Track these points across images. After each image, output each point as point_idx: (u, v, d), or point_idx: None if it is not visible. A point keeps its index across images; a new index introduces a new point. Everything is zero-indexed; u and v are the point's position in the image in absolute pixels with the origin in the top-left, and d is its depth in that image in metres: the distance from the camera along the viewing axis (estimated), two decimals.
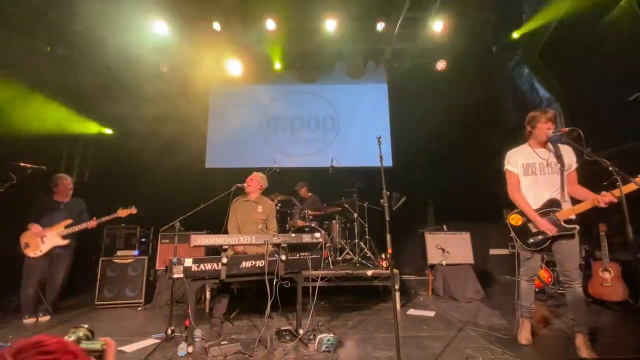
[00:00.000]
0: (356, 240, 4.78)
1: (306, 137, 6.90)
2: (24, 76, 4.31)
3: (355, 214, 4.92)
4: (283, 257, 2.81)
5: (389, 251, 2.35)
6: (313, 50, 6.09)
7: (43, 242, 3.60)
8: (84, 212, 3.96)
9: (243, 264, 2.74)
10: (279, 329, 2.93)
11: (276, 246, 2.91)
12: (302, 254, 3.00)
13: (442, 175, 5.91)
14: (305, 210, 5.03)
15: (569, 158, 2.56)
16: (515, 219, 2.70)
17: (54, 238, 3.64)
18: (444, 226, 4.84)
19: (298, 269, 2.96)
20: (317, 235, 3.02)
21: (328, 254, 4.50)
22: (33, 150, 4.03)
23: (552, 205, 2.53)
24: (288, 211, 5.16)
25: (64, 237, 3.67)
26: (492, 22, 5.20)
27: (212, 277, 2.67)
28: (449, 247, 4.48)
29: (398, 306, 3.82)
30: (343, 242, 4.85)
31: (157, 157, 5.92)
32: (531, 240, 2.60)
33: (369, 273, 3.97)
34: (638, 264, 2.11)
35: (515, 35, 5.13)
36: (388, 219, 2.33)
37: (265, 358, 2.49)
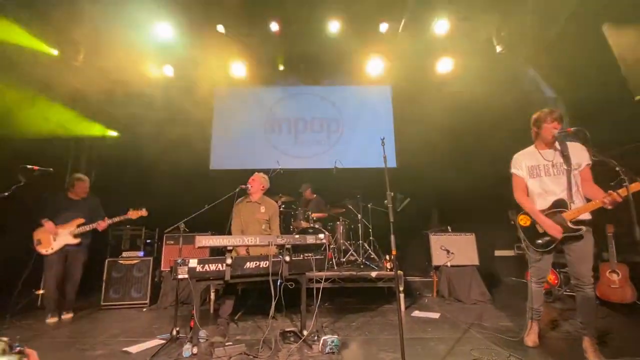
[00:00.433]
0: (360, 241, 4.78)
1: (310, 139, 6.91)
2: (30, 79, 4.37)
3: (359, 215, 4.92)
4: (287, 258, 2.81)
5: (393, 252, 2.34)
6: (317, 51, 6.10)
7: (55, 240, 3.63)
8: (99, 210, 3.95)
9: (247, 265, 2.75)
10: (283, 330, 2.94)
11: (280, 247, 2.91)
12: (306, 255, 3.00)
13: (447, 176, 5.88)
14: (309, 211, 5.04)
15: (579, 156, 2.48)
16: (524, 220, 2.69)
17: (66, 236, 3.67)
18: (449, 227, 4.81)
19: (302, 270, 2.96)
20: (321, 236, 3.02)
21: (332, 255, 4.49)
22: (40, 152, 4.09)
23: (559, 206, 2.50)
24: (292, 212, 5.17)
25: (75, 236, 3.69)
26: (496, 23, 5.17)
27: (217, 278, 2.68)
28: (454, 249, 4.46)
29: (402, 308, 3.80)
30: (347, 244, 4.85)
31: (162, 159, 5.96)
32: (539, 241, 2.58)
33: (373, 274, 3.96)
34: None
35: (520, 35, 5.10)
36: (392, 220, 2.33)
37: (269, 359, 2.49)
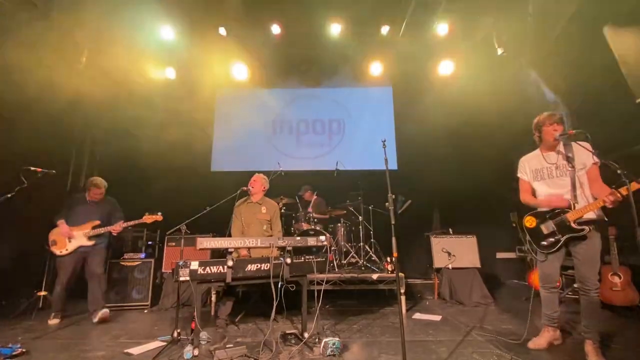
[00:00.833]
0: (361, 243, 4.77)
1: (311, 141, 6.92)
2: (32, 80, 4.39)
3: (360, 217, 4.92)
4: (288, 260, 2.81)
5: (395, 254, 2.34)
6: (318, 53, 6.12)
7: (70, 241, 3.62)
8: (116, 211, 3.94)
9: (248, 267, 2.75)
10: (284, 333, 2.93)
11: (281, 249, 2.92)
12: (307, 257, 3.00)
13: (448, 178, 5.88)
14: (310, 213, 5.04)
15: (583, 157, 2.48)
16: (529, 221, 2.70)
17: (81, 238, 3.66)
18: (450, 229, 4.81)
19: (303, 272, 2.96)
20: (322, 238, 3.03)
21: (333, 257, 4.49)
22: (42, 153, 4.11)
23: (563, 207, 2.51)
24: (293, 214, 5.17)
25: (90, 238, 3.68)
26: (497, 25, 5.17)
27: (218, 280, 2.69)
28: (455, 251, 4.45)
29: (404, 310, 3.80)
30: (348, 245, 4.84)
31: (164, 161, 5.97)
32: (544, 242, 2.59)
33: (374, 276, 3.95)
34: None
35: (520, 37, 5.10)
36: (393, 222, 2.33)
37: None
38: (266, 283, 2.72)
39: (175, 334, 2.88)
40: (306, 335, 2.83)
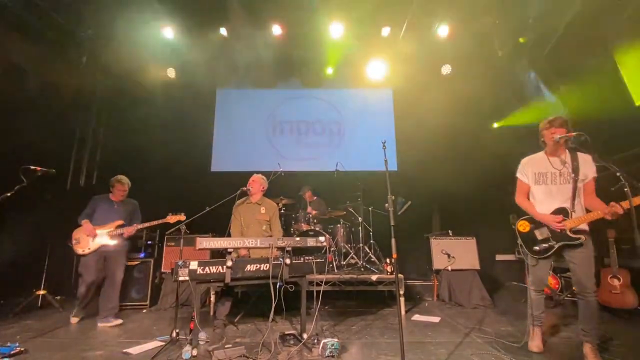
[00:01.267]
0: (361, 244, 4.77)
1: (311, 141, 6.92)
2: (34, 80, 4.40)
3: (360, 218, 4.92)
4: (287, 261, 2.81)
5: (394, 256, 2.34)
6: (319, 54, 6.12)
7: (93, 240, 3.61)
8: (136, 213, 3.94)
9: (248, 268, 2.75)
10: (283, 333, 2.93)
11: (281, 250, 2.91)
12: (307, 258, 3.00)
13: (448, 179, 5.87)
14: (310, 214, 5.04)
15: (587, 168, 2.50)
16: (523, 226, 2.70)
17: (103, 237, 3.65)
18: (450, 231, 4.81)
19: (302, 273, 2.96)
20: (322, 239, 3.02)
21: (332, 258, 4.49)
22: (41, 153, 4.11)
23: (561, 214, 2.52)
24: (293, 215, 5.17)
25: (113, 237, 3.67)
26: (498, 27, 5.19)
27: (217, 280, 2.68)
28: (455, 253, 4.45)
29: (403, 311, 3.79)
30: (347, 246, 4.84)
31: (164, 160, 5.97)
32: (536, 247, 2.60)
33: (374, 278, 3.95)
34: None
35: (521, 39, 5.11)
36: (393, 224, 2.33)
37: None
38: (265, 283, 2.72)
39: (174, 334, 2.87)
40: (305, 336, 2.83)
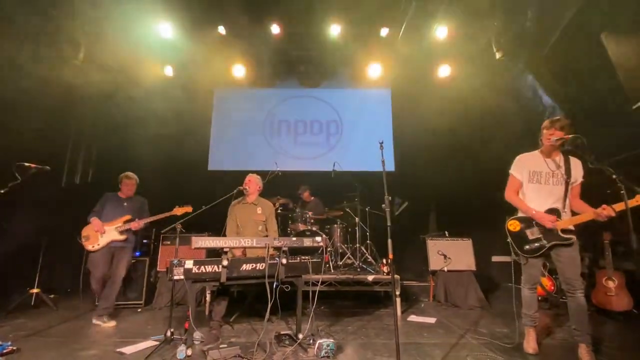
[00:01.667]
0: (357, 244, 4.77)
1: (309, 141, 6.91)
2: (30, 76, 4.36)
3: (356, 219, 4.91)
4: (284, 261, 2.80)
5: (390, 256, 2.33)
6: (317, 54, 6.11)
7: (101, 236, 3.63)
8: (144, 211, 3.95)
9: (243, 267, 2.73)
10: (279, 333, 2.92)
11: (277, 250, 2.90)
12: (303, 258, 2.99)
13: (445, 181, 5.89)
14: (307, 213, 5.03)
15: (577, 172, 2.59)
16: (513, 225, 2.72)
17: (112, 232, 3.66)
18: (446, 232, 4.81)
19: (298, 273, 2.95)
20: (319, 239, 3.01)
21: (329, 258, 4.48)
22: (37, 149, 4.07)
23: (552, 214, 2.55)
24: (290, 214, 5.16)
25: (122, 232, 3.68)
26: (496, 29, 5.20)
27: (213, 280, 2.67)
28: (451, 254, 4.45)
29: (399, 312, 3.79)
30: (344, 247, 4.84)
31: (160, 159, 5.94)
32: (527, 247, 2.62)
33: (370, 278, 3.95)
34: None
35: (518, 42, 5.12)
36: (389, 224, 2.33)
37: None
38: (261, 283, 2.71)
39: (168, 334, 2.85)
40: (300, 336, 2.82)
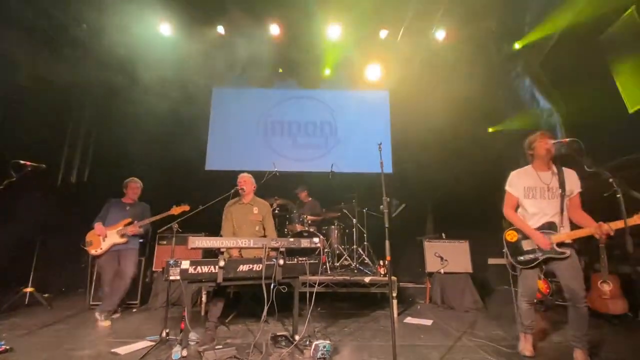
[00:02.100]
0: (354, 246, 4.76)
1: (307, 142, 6.91)
2: (28, 74, 4.33)
3: (354, 220, 4.91)
4: (281, 262, 2.79)
5: (388, 258, 2.33)
6: (316, 55, 6.12)
7: (104, 240, 3.71)
8: (146, 214, 4.01)
9: (240, 268, 2.72)
10: (275, 335, 2.91)
11: (274, 250, 2.89)
12: (300, 259, 2.98)
13: (442, 183, 5.91)
14: (304, 214, 5.02)
15: (572, 183, 2.56)
16: (510, 235, 2.72)
17: (113, 236, 3.74)
18: (443, 234, 4.82)
19: (295, 274, 2.94)
20: (316, 240, 3.01)
21: (326, 260, 4.47)
22: (33, 147, 4.04)
23: (549, 228, 2.54)
24: (287, 215, 5.14)
25: (122, 236, 3.75)
26: (494, 33, 5.23)
27: (209, 280, 2.65)
28: (448, 256, 4.46)
29: (395, 314, 3.79)
30: (341, 248, 4.83)
31: (157, 158, 5.92)
32: (521, 257, 2.63)
33: (367, 280, 3.94)
34: (637, 278, 2.09)
35: (517, 46, 5.17)
36: (387, 226, 2.33)
37: None
38: (258, 284, 2.70)
39: (163, 334, 2.83)
40: (297, 337, 2.81)
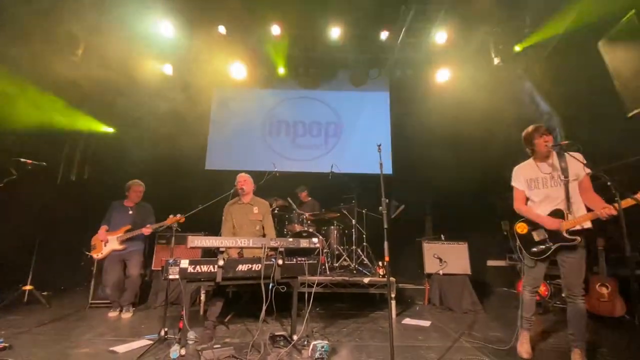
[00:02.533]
0: (354, 246, 4.77)
1: (307, 143, 6.92)
2: (27, 73, 4.34)
3: (353, 221, 4.92)
4: (280, 262, 2.80)
5: (386, 259, 2.34)
6: (317, 56, 6.13)
7: (105, 246, 3.80)
8: (150, 216, 4.06)
9: (239, 267, 2.72)
10: (273, 334, 2.91)
11: (273, 250, 2.90)
12: (299, 259, 2.99)
13: (442, 184, 5.91)
14: (303, 214, 5.03)
15: (576, 168, 2.52)
16: (521, 228, 2.73)
17: (113, 242, 3.82)
18: (442, 236, 4.83)
19: (294, 274, 2.94)
20: (315, 240, 3.01)
21: (325, 260, 4.47)
22: (33, 147, 4.05)
23: (556, 215, 2.54)
24: (287, 215, 5.15)
25: (121, 243, 3.82)
26: (495, 35, 5.24)
27: (208, 279, 2.66)
28: (447, 257, 4.46)
29: (394, 315, 3.79)
30: (340, 249, 4.84)
31: (157, 157, 5.92)
32: (534, 249, 2.62)
33: (366, 280, 3.95)
34: (635, 280, 2.10)
35: (517, 48, 5.18)
36: (386, 227, 2.34)
37: None
38: (257, 284, 2.70)
39: (162, 333, 2.84)
40: (295, 337, 2.81)
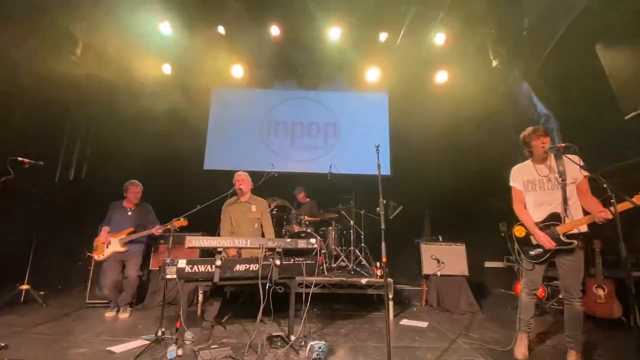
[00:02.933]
0: (351, 247, 4.77)
1: (306, 143, 6.93)
2: (25, 70, 4.32)
3: (351, 221, 4.92)
4: (277, 262, 2.80)
5: (384, 260, 2.34)
6: (316, 57, 6.13)
7: (107, 247, 3.82)
8: (150, 216, 4.07)
9: (237, 267, 2.72)
10: (271, 335, 2.90)
11: (271, 251, 2.89)
12: (297, 260, 2.99)
13: (440, 186, 5.93)
14: (301, 215, 5.03)
15: (574, 170, 2.52)
16: (519, 231, 2.75)
17: (115, 244, 3.83)
18: (440, 237, 4.84)
19: (292, 275, 2.94)
20: (313, 241, 3.01)
21: (323, 260, 4.48)
22: (31, 144, 4.04)
23: (553, 219, 2.55)
24: (285, 216, 5.15)
25: (123, 245, 3.83)
26: (494, 37, 5.26)
27: (206, 280, 2.66)
28: (444, 258, 4.47)
29: (391, 316, 3.80)
30: (338, 249, 4.84)
31: (156, 157, 5.91)
32: (532, 252, 2.63)
33: (363, 281, 3.95)
34: (631, 282, 2.11)
35: (515, 50, 5.19)
36: (383, 228, 2.34)
37: None
38: (254, 284, 2.70)
39: (159, 333, 2.83)
40: (292, 338, 2.82)
